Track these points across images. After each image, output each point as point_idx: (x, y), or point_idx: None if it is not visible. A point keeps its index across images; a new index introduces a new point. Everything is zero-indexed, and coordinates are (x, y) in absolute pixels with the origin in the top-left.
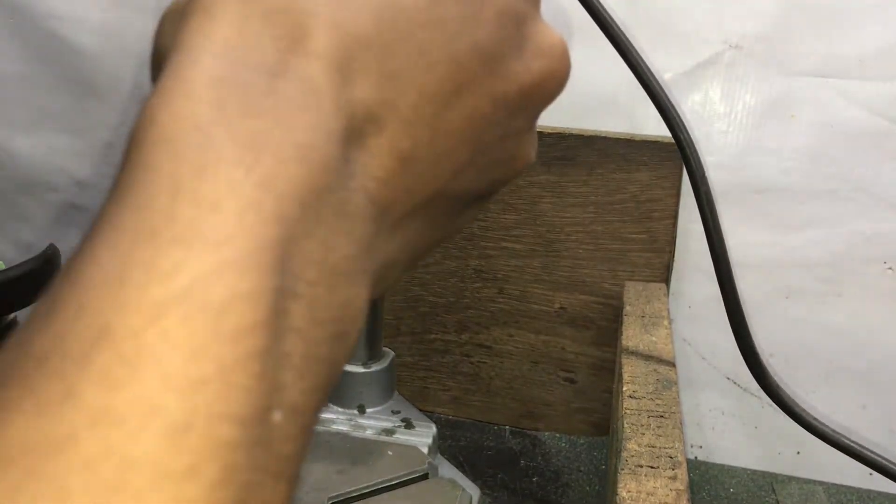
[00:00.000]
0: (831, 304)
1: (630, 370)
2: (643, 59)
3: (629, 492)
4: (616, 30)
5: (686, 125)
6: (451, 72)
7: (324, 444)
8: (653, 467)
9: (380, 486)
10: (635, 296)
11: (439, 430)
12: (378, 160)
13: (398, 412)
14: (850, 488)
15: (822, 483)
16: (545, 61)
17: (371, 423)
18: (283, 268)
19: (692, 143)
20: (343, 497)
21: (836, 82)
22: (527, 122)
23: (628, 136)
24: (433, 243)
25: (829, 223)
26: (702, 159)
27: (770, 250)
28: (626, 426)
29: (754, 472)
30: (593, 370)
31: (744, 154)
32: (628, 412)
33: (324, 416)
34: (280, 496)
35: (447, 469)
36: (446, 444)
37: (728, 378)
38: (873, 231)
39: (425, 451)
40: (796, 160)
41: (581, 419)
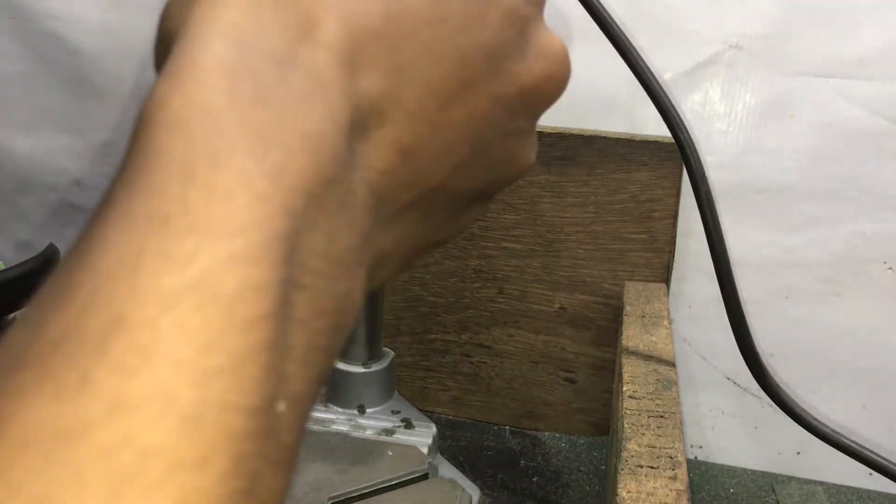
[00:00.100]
0: (831, 304)
1: (630, 370)
2: (643, 59)
3: (629, 492)
4: (616, 30)
5: (686, 125)
6: (454, 69)
7: (324, 444)
8: (653, 467)
9: (380, 486)
10: (635, 296)
11: (439, 430)
12: (380, 152)
13: (398, 412)
14: (850, 488)
15: (822, 483)
16: (546, 64)
17: (371, 423)
18: (290, 259)
19: (692, 143)
20: (343, 497)
21: (836, 82)
22: (527, 124)
23: (628, 136)
24: (430, 242)
25: (829, 223)
26: (702, 159)
27: (770, 250)
28: (626, 426)
29: (754, 472)
30: (593, 370)
31: (744, 154)
32: (628, 412)
33: (324, 416)
34: (281, 485)
35: (447, 469)
36: (446, 444)
37: (728, 378)
38: (873, 231)
39: (425, 451)
40: (796, 160)
41: (581, 419)
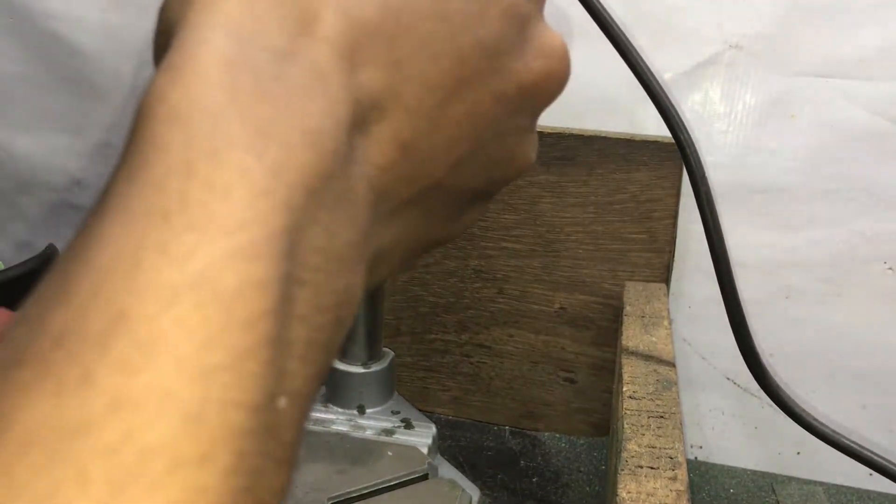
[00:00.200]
0: (831, 304)
1: (630, 370)
2: (643, 59)
3: (629, 492)
4: (616, 30)
5: (686, 125)
6: (454, 65)
7: (324, 444)
8: (653, 468)
9: (380, 487)
10: (635, 296)
11: (439, 430)
12: (379, 147)
13: (398, 412)
14: (850, 488)
15: (822, 483)
16: (546, 61)
17: (371, 424)
18: (290, 255)
19: (692, 143)
20: (343, 497)
21: (836, 82)
22: (526, 122)
23: (628, 136)
24: (430, 241)
25: (829, 223)
26: (702, 159)
27: (770, 250)
28: (626, 426)
29: (754, 472)
30: (593, 370)
31: (744, 154)
32: (628, 412)
33: (324, 416)
34: (282, 483)
35: (447, 469)
36: (446, 445)
37: (728, 378)
38: (873, 231)
39: (425, 451)
40: (796, 160)
41: (581, 419)
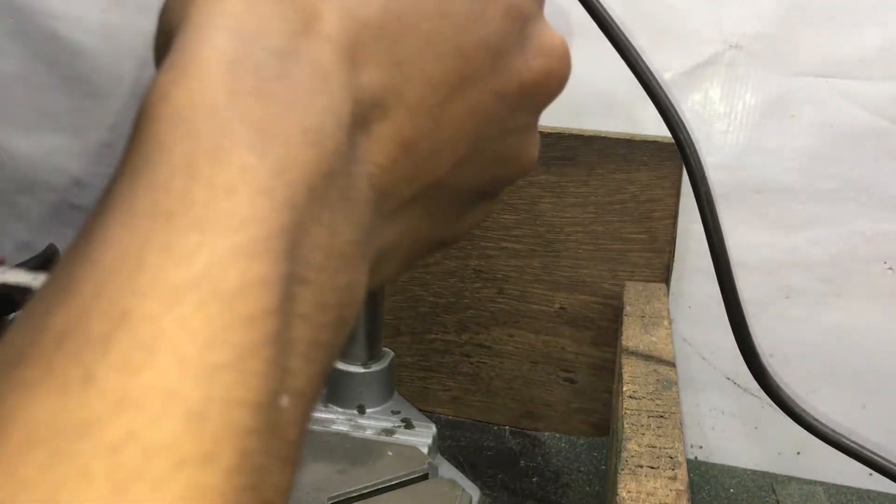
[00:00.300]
0: (831, 304)
1: (630, 370)
2: (643, 59)
3: (629, 492)
4: (616, 30)
5: (686, 125)
6: (456, 64)
7: (324, 444)
8: (653, 467)
9: (380, 486)
10: (635, 296)
11: (439, 430)
12: (381, 146)
13: (398, 412)
14: (850, 488)
15: (822, 483)
16: (546, 60)
17: (371, 424)
18: (292, 253)
19: (692, 143)
20: (343, 497)
21: (836, 82)
22: (528, 120)
23: (628, 136)
24: (433, 241)
25: (829, 223)
26: (702, 159)
27: (770, 250)
28: (626, 426)
29: (754, 472)
30: (593, 370)
31: (744, 154)
32: (628, 412)
33: (324, 416)
34: (286, 481)
35: (447, 469)
36: (446, 444)
37: (728, 378)
38: (873, 231)
39: (425, 451)
40: (796, 160)
41: (581, 419)
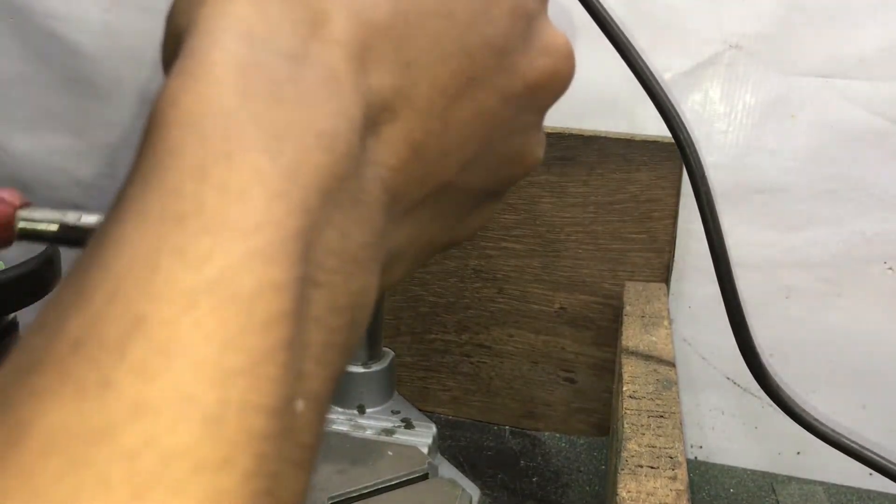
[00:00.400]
0: (831, 304)
1: (630, 370)
2: (643, 59)
3: (629, 492)
4: (616, 30)
5: (686, 125)
6: (463, 65)
7: (324, 444)
8: (653, 467)
9: (380, 486)
10: (635, 296)
11: (439, 430)
12: (391, 148)
13: (398, 412)
14: (850, 488)
15: (822, 483)
16: (551, 59)
17: (371, 423)
18: (306, 257)
19: (692, 143)
20: (343, 497)
21: (836, 82)
22: (533, 120)
23: (628, 136)
24: (441, 242)
25: (829, 223)
26: (702, 159)
27: (770, 250)
28: (626, 426)
29: (754, 472)
30: (593, 370)
31: (744, 154)
32: (628, 412)
33: None
34: (301, 485)
35: (447, 469)
36: (446, 444)
37: (728, 378)
38: (873, 231)
39: (425, 451)
40: (796, 160)
41: (581, 419)
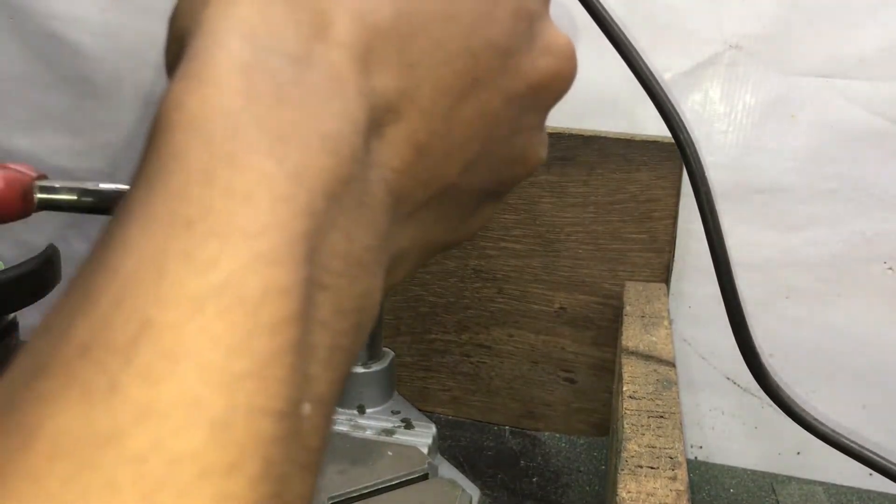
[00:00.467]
0: (831, 304)
1: (630, 370)
2: (643, 59)
3: (629, 492)
4: (616, 30)
5: (686, 125)
6: (466, 65)
7: None
8: (653, 468)
9: (380, 487)
10: (635, 296)
11: (439, 430)
12: (395, 150)
13: (398, 412)
14: (850, 488)
15: (822, 483)
16: (553, 60)
17: (371, 424)
18: (312, 260)
19: (692, 143)
20: (343, 497)
21: (836, 82)
22: (535, 120)
23: (628, 136)
24: (444, 242)
25: (829, 223)
26: (702, 159)
27: (770, 250)
28: (626, 426)
29: (754, 472)
30: (593, 370)
31: (744, 154)
32: (628, 412)
33: None
34: (308, 489)
35: (447, 469)
36: (446, 444)
37: (728, 378)
38: (873, 231)
39: (425, 451)
40: (796, 160)
41: (581, 419)
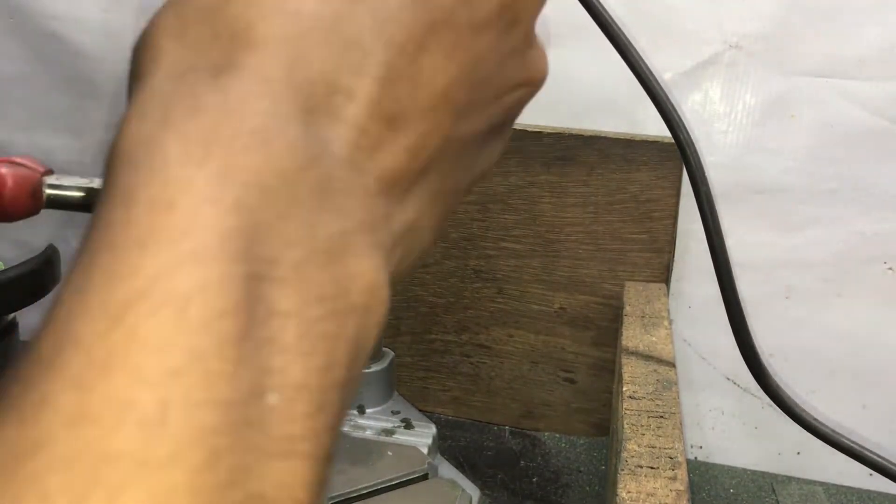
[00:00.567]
0: (831, 304)
1: (630, 370)
2: (643, 59)
3: (629, 492)
4: (616, 30)
5: (686, 125)
6: (415, 15)
7: None
8: (653, 468)
9: (380, 487)
10: (635, 296)
11: (439, 430)
12: (359, 128)
13: (398, 412)
14: (850, 488)
15: (822, 483)
16: None
17: (371, 424)
18: (253, 254)
19: (692, 143)
20: (343, 497)
21: (836, 82)
22: (522, 38)
23: (628, 136)
24: (459, 191)
25: (829, 223)
26: (702, 159)
27: (770, 250)
28: (626, 426)
29: (754, 472)
30: (593, 370)
31: (744, 154)
32: (628, 412)
33: None
34: (292, 475)
35: (447, 469)
36: (446, 444)
37: (728, 378)
38: (873, 231)
39: (425, 451)
40: (796, 160)
41: (581, 419)
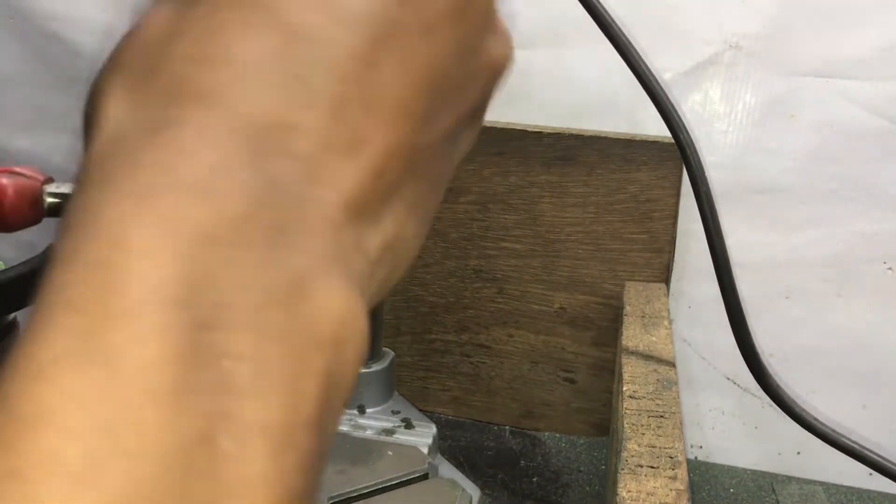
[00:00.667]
0: (831, 304)
1: (630, 370)
2: (643, 59)
3: (629, 492)
4: (616, 30)
5: (686, 125)
6: (356, 36)
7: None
8: (653, 467)
9: (380, 486)
10: (635, 296)
11: (439, 430)
12: (313, 161)
13: (398, 412)
14: (850, 488)
15: (822, 483)
16: None
17: (371, 423)
18: (197, 302)
19: (692, 143)
20: (343, 497)
21: (836, 82)
22: (481, 21)
23: (628, 136)
24: (440, 189)
25: (829, 223)
26: (702, 159)
27: (770, 250)
28: (626, 426)
29: (754, 472)
30: (593, 370)
31: (744, 154)
32: (628, 412)
33: None
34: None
35: (447, 469)
36: (446, 444)
37: (728, 378)
38: (873, 231)
39: (425, 451)
40: (796, 160)
41: (581, 419)
